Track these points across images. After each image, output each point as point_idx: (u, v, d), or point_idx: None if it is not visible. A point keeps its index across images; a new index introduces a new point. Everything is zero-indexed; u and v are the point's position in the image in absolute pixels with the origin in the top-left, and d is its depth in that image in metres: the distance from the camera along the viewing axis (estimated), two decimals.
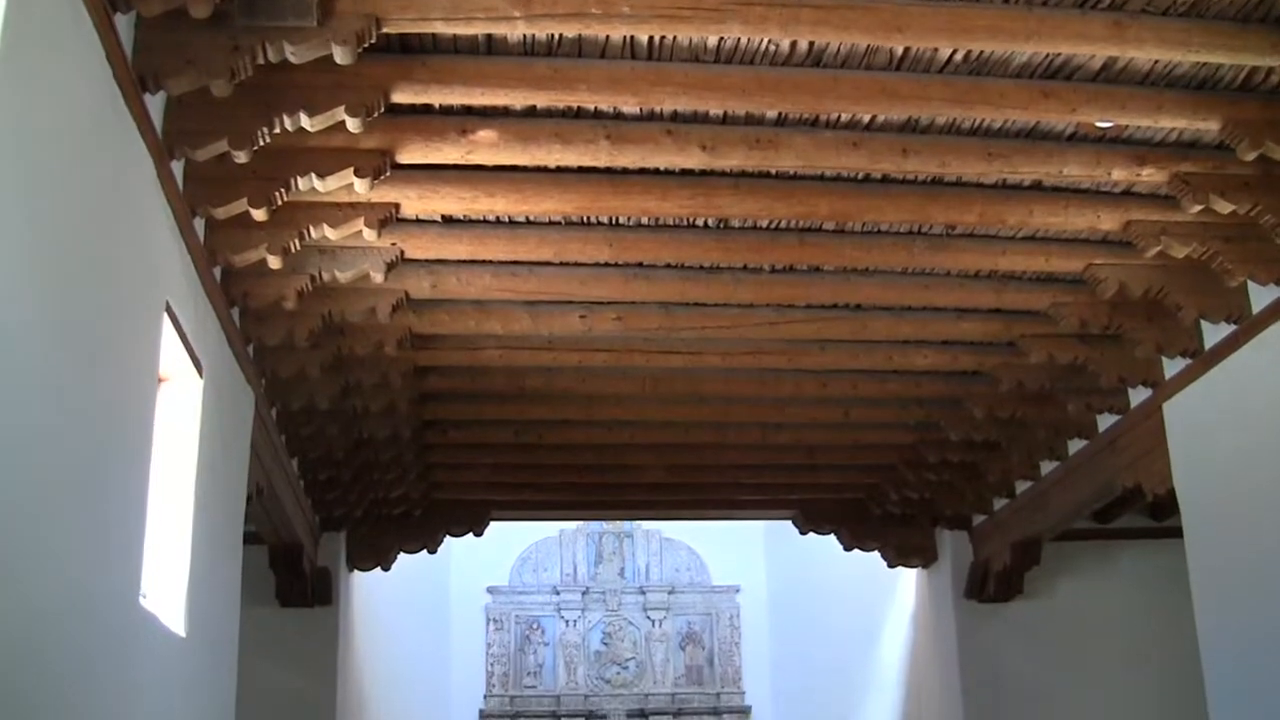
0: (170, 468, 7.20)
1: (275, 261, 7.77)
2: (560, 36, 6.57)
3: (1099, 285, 8.92)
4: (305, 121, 6.53)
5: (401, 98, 6.70)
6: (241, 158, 6.63)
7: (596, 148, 7.31)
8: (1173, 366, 9.88)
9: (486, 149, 7.23)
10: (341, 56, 6.06)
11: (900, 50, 6.76)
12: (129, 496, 6.22)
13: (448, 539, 14.68)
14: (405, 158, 7.27)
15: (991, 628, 14.00)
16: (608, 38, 6.58)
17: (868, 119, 7.42)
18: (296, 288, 8.26)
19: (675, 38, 6.58)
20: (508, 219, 8.38)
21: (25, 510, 4.75)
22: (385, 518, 13.91)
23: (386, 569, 14.46)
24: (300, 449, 11.30)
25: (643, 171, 7.80)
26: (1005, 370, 10.53)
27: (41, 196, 4.88)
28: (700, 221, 8.52)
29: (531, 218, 8.35)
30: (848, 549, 15.12)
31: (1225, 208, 7.73)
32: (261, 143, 6.58)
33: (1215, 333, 9.23)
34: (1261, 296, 8.65)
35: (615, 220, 8.47)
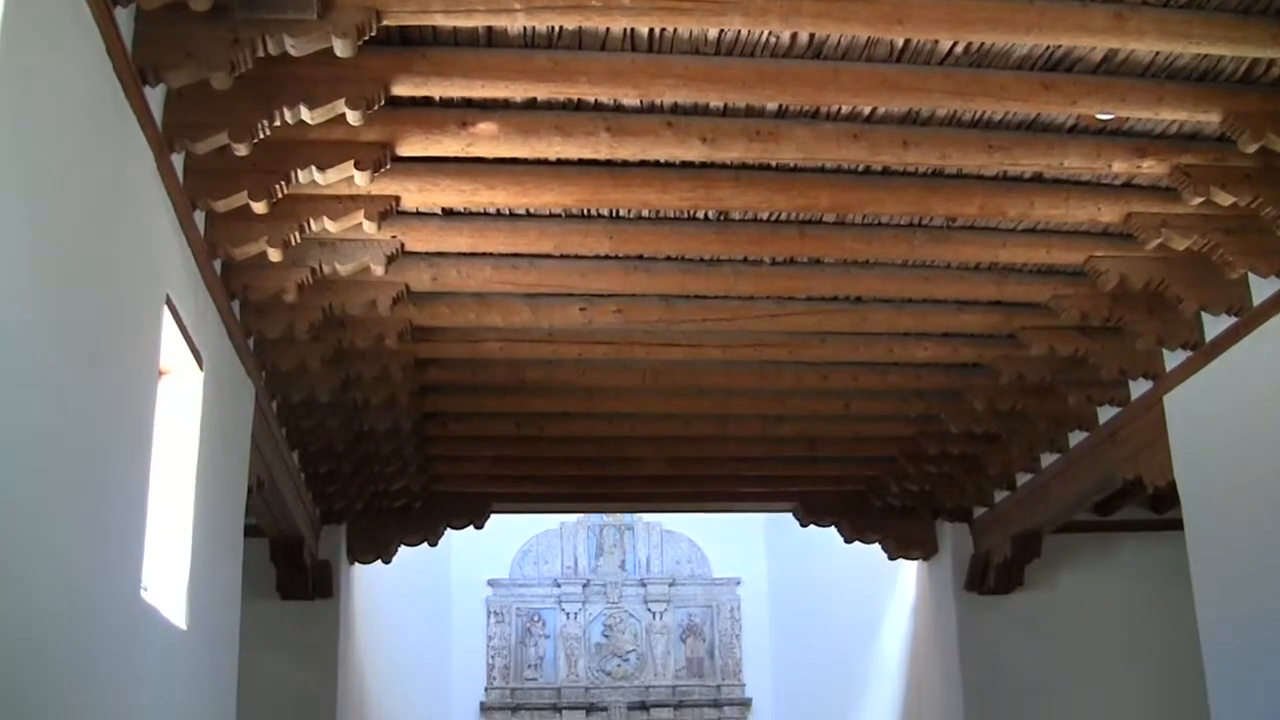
0: (171, 461, 7.20)
1: (275, 254, 7.78)
2: (560, 29, 6.56)
3: (1100, 277, 8.92)
4: (305, 114, 6.53)
5: (402, 90, 6.70)
6: (242, 150, 6.63)
7: (597, 140, 7.31)
8: (1173, 359, 9.88)
9: (487, 141, 7.23)
10: (341, 49, 6.06)
11: (901, 42, 6.76)
12: (130, 490, 6.22)
13: (448, 531, 14.68)
14: (405, 150, 7.26)
15: (992, 620, 14.00)
16: (608, 30, 6.57)
17: (868, 111, 7.41)
18: (297, 280, 8.26)
19: (675, 30, 6.57)
20: (508, 211, 8.37)
21: (26, 503, 4.75)
22: (386, 510, 13.92)
23: (387, 562, 14.46)
24: (301, 442, 11.30)
25: (643, 164, 7.79)
26: (1006, 362, 10.53)
27: (41, 190, 4.88)
28: (701, 214, 8.51)
29: (532, 210, 8.34)
30: (848, 541, 15.12)
31: (1226, 200, 7.72)
32: (262, 135, 6.58)
33: (1216, 325, 9.23)
34: (1262, 289, 8.65)
35: (615, 213, 8.47)
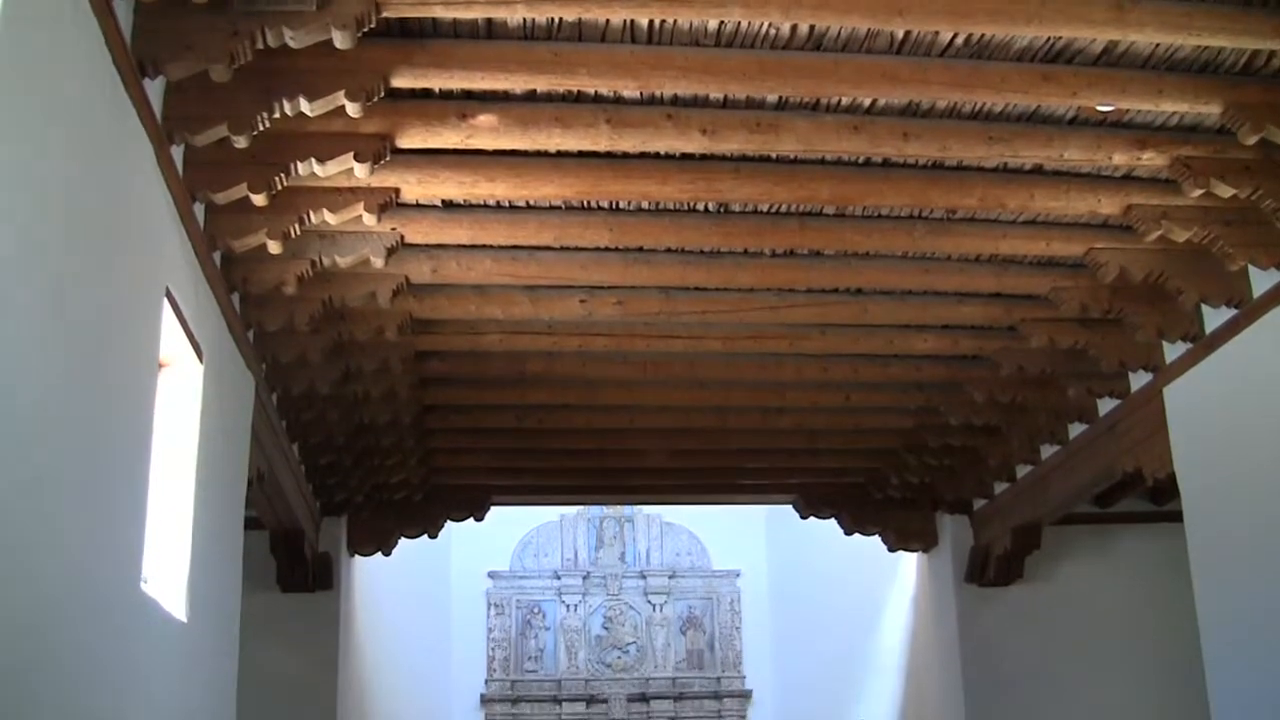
0: (171, 453, 7.20)
1: (275, 246, 7.77)
2: (560, 20, 6.56)
3: (1100, 269, 8.91)
4: (305, 106, 6.53)
5: (401, 82, 6.70)
6: (241, 143, 6.63)
7: (597, 132, 7.31)
8: (1173, 351, 9.88)
9: (486, 133, 7.23)
10: (341, 41, 6.06)
11: (901, 34, 6.75)
12: (130, 482, 6.22)
13: (448, 524, 14.69)
14: (405, 142, 7.26)
15: (992, 612, 14.01)
16: (608, 21, 6.57)
17: (868, 103, 7.41)
18: (297, 273, 8.26)
19: (676, 21, 6.57)
20: (508, 203, 8.37)
21: (27, 496, 4.75)
22: (386, 503, 13.92)
23: (387, 554, 14.47)
24: (301, 434, 11.30)
25: (643, 156, 7.79)
26: (1006, 354, 10.53)
27: (41, 182, 4.88)
28: (701, 206, 8.51)
29: (532, 202, 8.34)
30: (848, 533, 15.13)
31: (1226, 192, 7.72)
32: (261, 127, 6.58)
33: (1216, 317, 9.23)
34: (1262, 281, 8.64)
35: (615, 205, 8.47)
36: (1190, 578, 9.83)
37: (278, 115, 6.55)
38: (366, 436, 11.79)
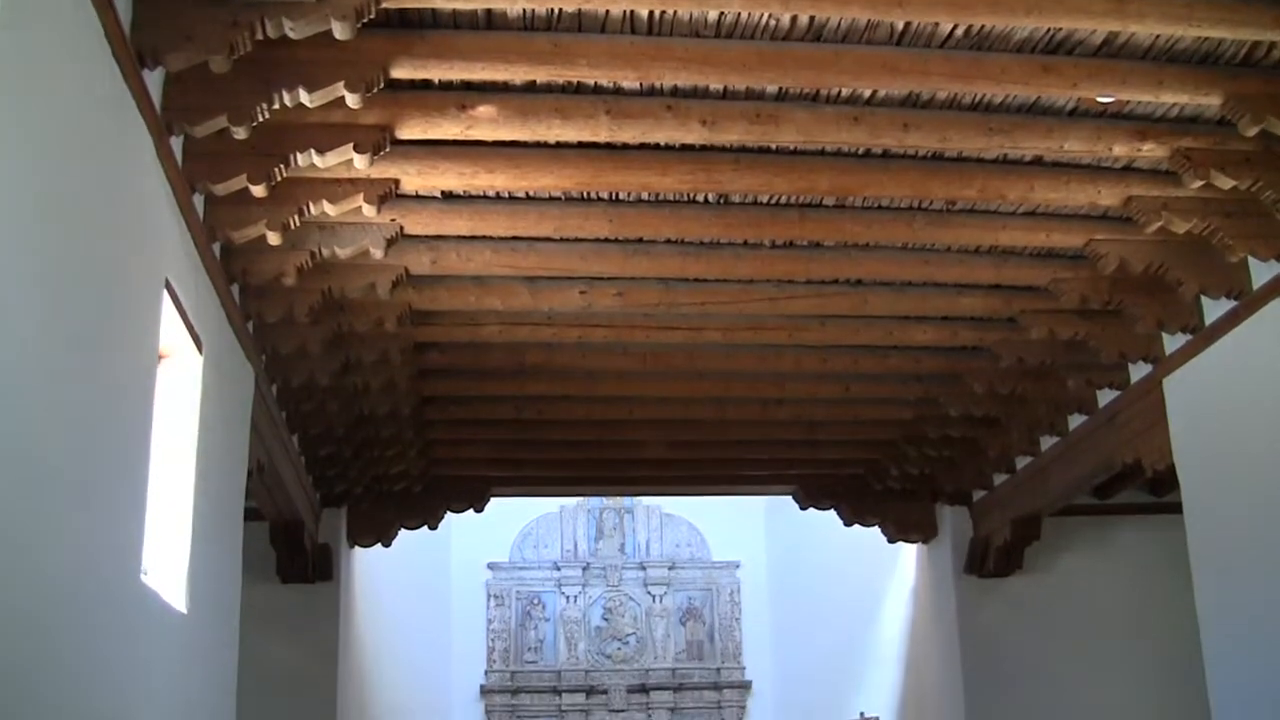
0: (171, 444, 7.21)
1: (275, 237, 7.77)
2: (560, 11, 6.55)
3: (1100, 261, 8.91)
4: (305, 97, 6.52)
5: (401, 73, 6.69)
6: (241, 134, 6.62)
7: (596, 123, 7.30)
8: (1173, 342, 9.87)
9: (486, 124, 7.22)
10: (341, 32, 6.05)
11: (901, 25, 6.75)
12: (129, 473, 6.22)
13: (448, 515, 14.69)
14: (405, 133, 7.25)
15: (991, 603, 14.02)
16: (607, 12, 6.56)
17: (868, 94, 7.40)
18: (296, 264, 8.25)
19: (675, 12, 6.56)
20: (508, 194, 8.37)
21: (26, 487, 4.75)
22: (386, 494, 13.93)
23: (387, 545, 14.47)
24: (301, 425, 11.31)
25: (643, 147, 7.78)
26: (1005, 346, 10.53)
27: (40, 174, 4.87)
28: (700, 197, 8.51)
29: (531, 193, 8.33)
30: (848, 524, 15.13)
31: (1226, 183, 7.71)
32: (261, 119, 6.57)
33: (1216, 308, 9.23)
34: (1262, 272, 8.64)
35: (615, 196, 8.46)
36: (1189, 569, 9.84)
37: (277, 106, 6.54)
38: (366, 428, 11.79)
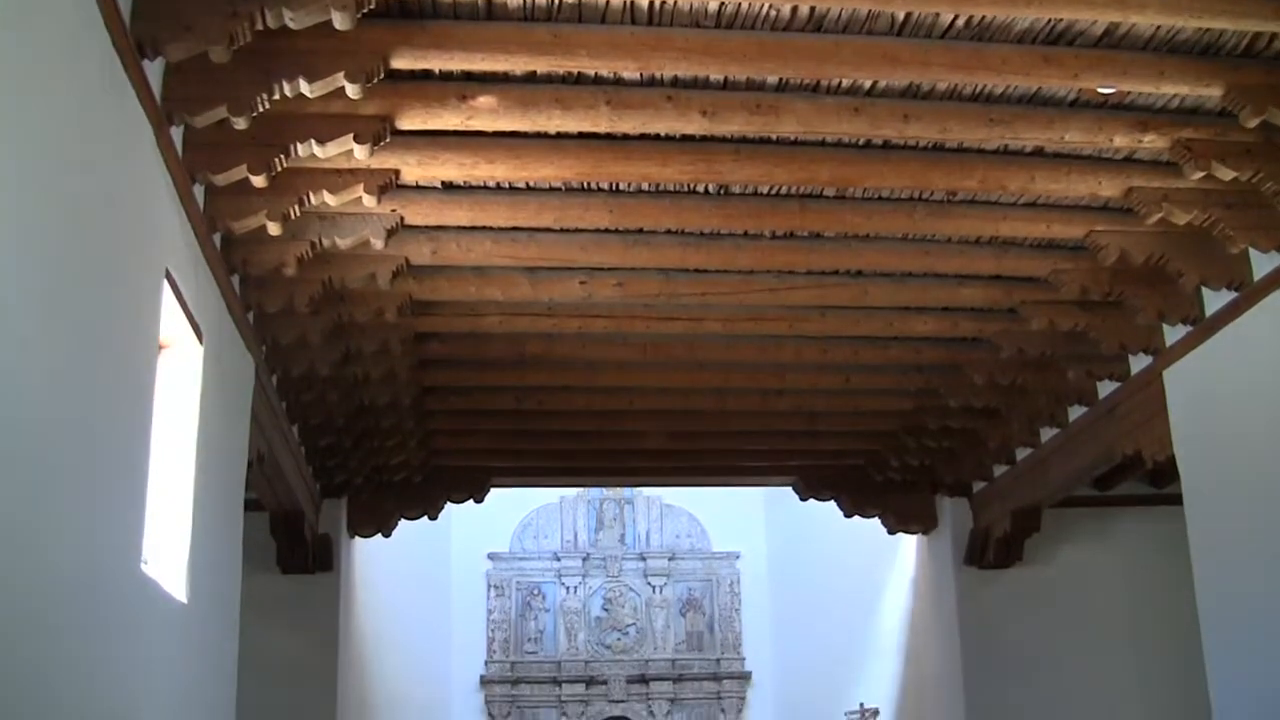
0: (171, 434, 7.21)
1: (275, 228, 7.76)
2: (560, 1, 6.54)
3: (1100, 252, 8.91)
4: (305, 87, 6.52)
5: (401, 63, 6.68)
6: (241, 124, 6.61)
7: (597, 113, 7.30)
8: (1173, 333, 9.87)
9: (486, 115, 7.22)
10: (341, 22, 6.04)
11: (902, 15, 6.73)
12: (130, 463, 6.22)
13: (448, 505, 14.70)
14: (405, 123, 7.25)
15: (991, 594, 14.03)
16: (608, 2, 6.56)
17: (869, 84, 7.39)
18: (296, 254, 8.25)
19: (676, 2, 6.55)
20: (508, 185, 8.36)
21: (27, 477, 4.76)
22: (386, 484, 13.93)
23: (387, 535, 14.49)
24: (301, 415, 11.31)
25: (643, 137, 7.78)
26: (1006, 337, 10.52)
27: (41, 164, 4.87)
28: (701, 187, 8.50)
29: (532, 183, 8.33)
30: (848, 515, 15.14)
31: (1227, 174, 7.71)
32: (261, 109, 6.56)
33: (1216, 300, 9.22)
34: (1263, 264, 8.64)
35: (616, 186, 8.46)
36: (1189, 560, 9.84)
37: (277, 96, 6.54)
38: (366, 418, 11.79)
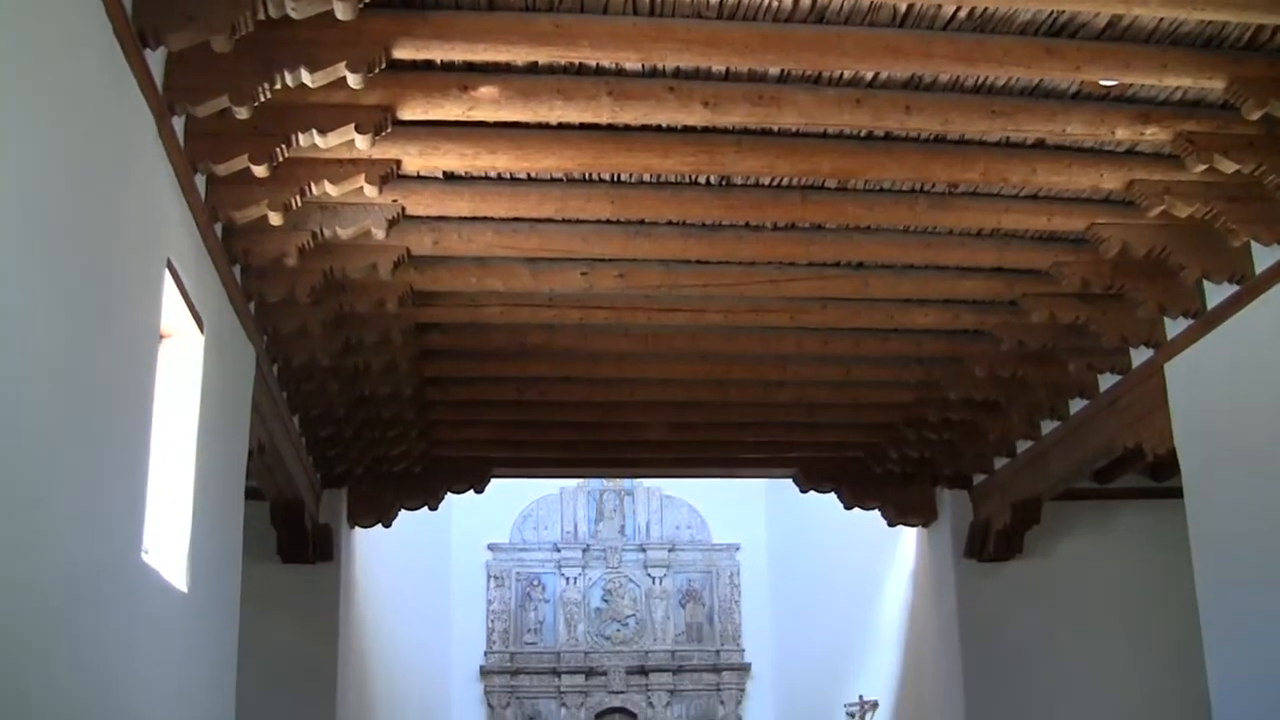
0: (172, 424, 7.21)
1: (276, 218, 7.76)
2: None
3: (1101, 244, 8.90)
4: (306, 77, 6.51)
5: (403, 53, 6.67)
6: (243, 114, 6.61)
7: (598, 104, 7.29)
8: (1175, 327, 9.87)
9: (488, 105, 7.21)
10: (343, 12, 6.03)
11: (904, 7, 6.72)
12: (130, 452, 6.23)
13: (449, 496, 14.72)
14: (406, 114, 7.24)
15: (991, 587, 14.04)
16: None
17: (871, 76, 7.38)
18: (298, 244, 8.25)
19: None
20: (509, 175, 8.36)
21: (27, 466, 4.76)
22: (386, 474, 13.94)
23: (388, 526, 14.50)
24: (302, 405, 11.31)
25: (645, 128, 7.77)
26: (1006, 329, 10.53)
27: (42, 154, 4.87)
28: (702, 179, 8.49)
29: (533, 174, 8.33)
30: (848, 508, 15.15)
31: (1229, 167, 7.70)
32: (263, 99, 6.56)
33: (1218, 293, 9.22)
34: (1264, 257, 8.63)
35: (617, 177, 8.45)
36: (1189, 554, 9.84)
37: (279, 86, 6.53)
38: (367, 408, 11.80)
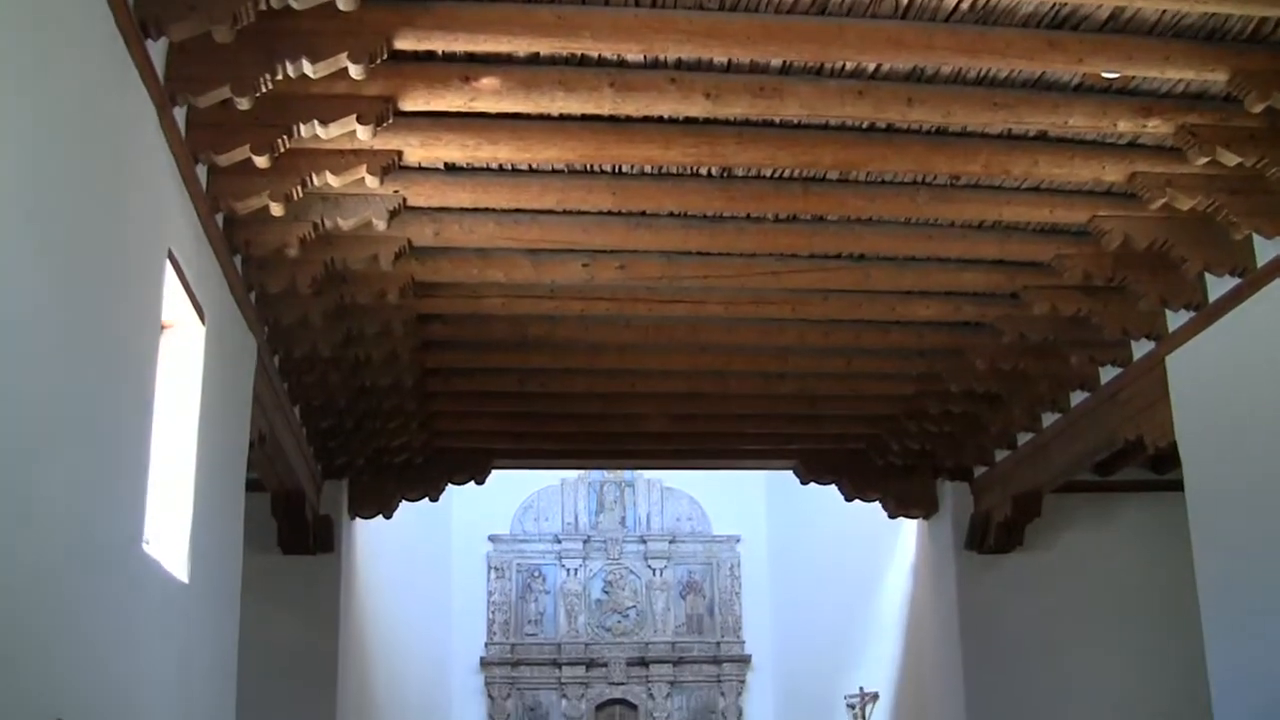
0: (173, 415, 7.21)
1: (278, 209, 7.76)
2: None
3: (1103, 237, 8.89)
4: (308, 68, 6.51)
5: (404, 44, 6.67)
6: (244, 104, 6.61)
7: (600, 95, 7.28)
8: (1176, 319, 9.86)
9: (489, 96, 7.21)
10: (344, 2, 6.05)
11: None
12: (132, 443, 6.23)
13: (449, 487, 14.71)
14: (408, 105, 7.24)
15: (991, 579, 14.04)
16: None
17: (873, 68, 7.38)
18: (299, 235, 8.25)
19: None
20: (510, 167, 8.35)
21: (29, 456, 4.76)
22: (387, 466, 13.94)
23: (388, 517, 14.50)
24: (302, 396, 11.31)
25: (646, 119, 7.76)
26: (1008, 321, 10.51)
27: (43, 144, 4.86)
28: (704, 170, 8.49)
29: (534, 165, 8.32)
30: (849, 499, 15.14)
31: (1231, 160, 7.69)
32: (264, 89, 6.56)
33: (1219, 286, 9.21)
34: (1266, 250, 8.62)
35: (618, 168, 8.45)
36: (1190, 546, 9.84)
37: (280, 77, 6.53)
38: (368, 399, 11.79)
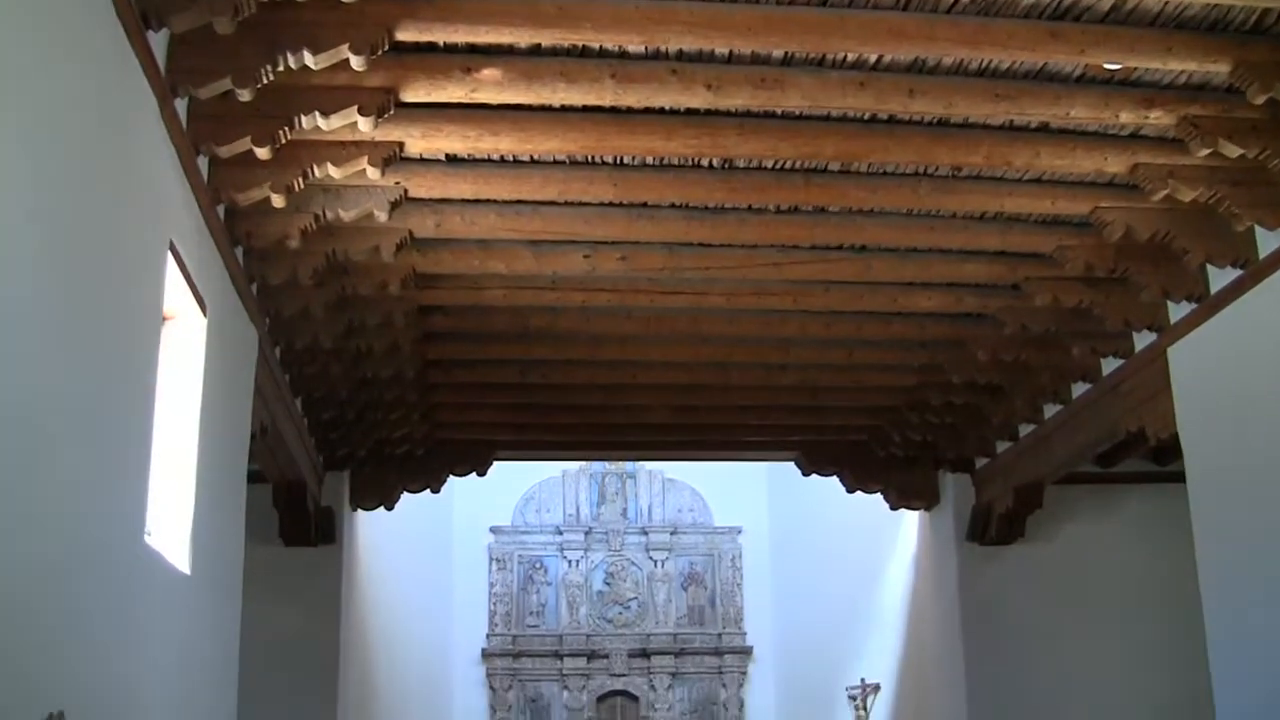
0: (174, 406, 7.21)
1: (279, 200, 7.76)
2: None
3: (1105, 228, 8.89)
4: (309, 59, 6.50)
5: (406, 36, 6.66)
6: (245, 96, 6.60)
7: (601, 87, 7.28)
8: (1178, 311, 9.86)
9: (491, 87, 7.20)
10: None
11: None
12: (133, 435, 6.23)
13: (451, 478, 14.72)
14: (409, 96, 7.23)
15: (993, 570, 14.05)
16: None
17: (874, 59, 7.36)
18: (300, 226, 8.24)
19: None
20: (512, 158, 8.35)
21: (30, 448, 4.76)
22: (389, 457, 13.94)
23: (390, 508, 14.52)
24: (304, 388, 11.32)
25: (648, 111, 7.75)
26: (1009, 313, 10.51)
27: (44, 135, 4.86)
28: (705, 161, 8.48)
29: (536, 157, 8.31)
30: (850, 491, 15.15)
31: (1233, 151, 7.68)
32: (265, 81, 6.55)
33: (1221, 277, 9.21)
34: (1269, 241, 8.62)
35: (620, 160, 8.44)
36: (1192, 538, 9.84)
37: (282, 68, 6.52)
38: (369, 391, 11.80)
